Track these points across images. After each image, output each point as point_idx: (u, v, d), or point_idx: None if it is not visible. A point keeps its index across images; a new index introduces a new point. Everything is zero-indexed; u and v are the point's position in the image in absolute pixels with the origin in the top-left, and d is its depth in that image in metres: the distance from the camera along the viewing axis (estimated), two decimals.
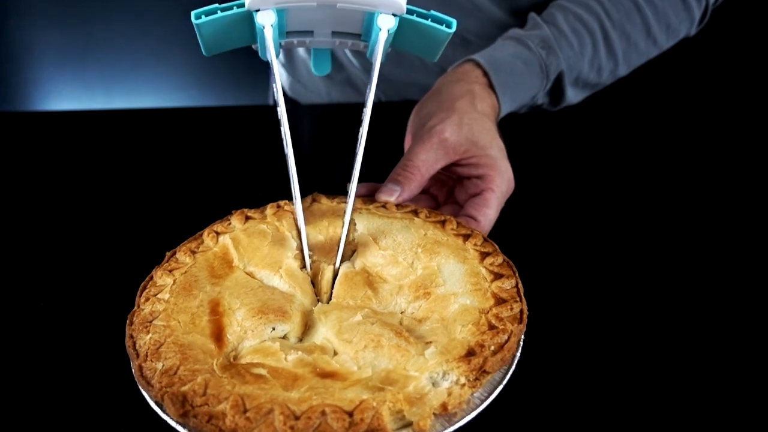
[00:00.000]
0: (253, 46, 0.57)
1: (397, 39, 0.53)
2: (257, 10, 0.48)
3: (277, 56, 0.54)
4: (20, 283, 0.62)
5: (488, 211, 0.61)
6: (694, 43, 0.90)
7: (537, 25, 0.76)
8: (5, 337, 0.55)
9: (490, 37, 0.82)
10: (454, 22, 0.50)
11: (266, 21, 0.48)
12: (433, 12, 0.50)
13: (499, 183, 0.62)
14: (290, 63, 1.09)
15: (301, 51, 1.06)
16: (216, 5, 0.49)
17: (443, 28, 0.50)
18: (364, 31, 0.53)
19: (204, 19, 0.48)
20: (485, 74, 0.71)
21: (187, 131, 0.96)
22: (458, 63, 0.74)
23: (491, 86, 0.71)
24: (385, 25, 0.49)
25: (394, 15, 0.49)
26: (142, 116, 1.03)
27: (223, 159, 0.87)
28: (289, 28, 0.53)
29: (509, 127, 0.73)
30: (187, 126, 0.98)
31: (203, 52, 0.53)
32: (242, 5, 0.48)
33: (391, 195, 0.60)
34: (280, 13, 0.49)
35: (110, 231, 0.70)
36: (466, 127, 0.64)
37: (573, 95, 0.81)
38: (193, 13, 0.48)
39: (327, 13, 0.50)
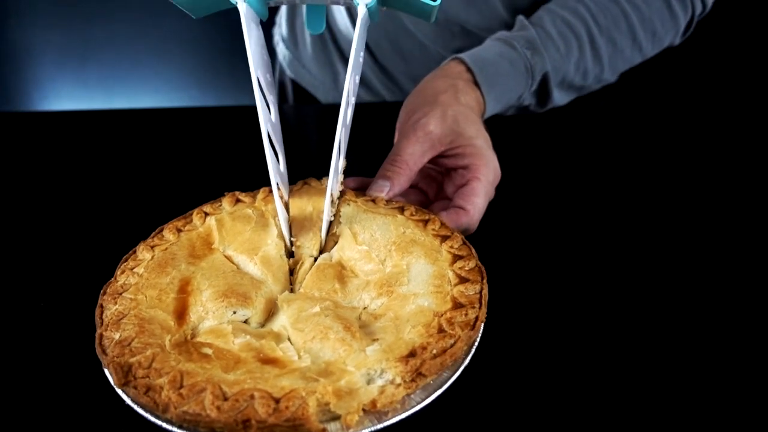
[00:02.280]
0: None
1: (388, 1, 0.52)
2: None
3: (264, 20, 0.54)
4: (20, 281, 0.63)
5: (476, 200, 0.61)
6: (680, 50, 0.89)
7: (524, 27, 0.77)
8: (6, 333, 0.57)
9: (492, 31, 0.82)
10: None
11: None
12: None
13: (485, 172, 0.63)
14: (296, 47, 1.10)
15: (307, 36, 1.07)
16: None
17: (428, 1, 0.49)
18: None
19: None
20: (469, 70, 0.72)
21: (187, 131, 0.98)
22: (444, 62, 0.75)
23: (476, 83, 0.71)
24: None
25: None
26: (142, 116, 1.04)
27: (223, 159, 0.88)
28: None
29: (496, 128, 0.73)
30: (187, 126, 1.00)
31: (192, 16, 0.52)
32: None
33: (381, 191, 0.61)
34: None
35: (111, 231, 0.71)
36: (450, 119, 0.64)
37: (559, 97, 0.81)
38: None
39: None
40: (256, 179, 0.64)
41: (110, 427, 0.46)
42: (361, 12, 0.49)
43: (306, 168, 0.65)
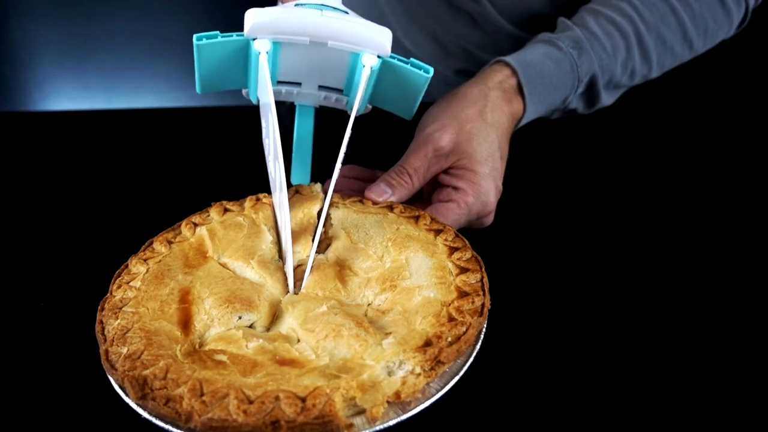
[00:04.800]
0: (244, 92, 0.60)
1: (376, 92, 0.57)
2: (254, 39, 0.52)
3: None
4: (20, 281, 0.63)
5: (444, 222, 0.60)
6: (725, 46, 0.84)
7: (567, 27, 0.74)
8: (7, 333, 0.56)
9: (494, 50, 0.80)
10: (432, 69, 0.54)
11: (262, 47, 0.51)
12: (412, 59, 0.54)
13: (471, 202, 0.62)
14: None
15: None
16: (217, 32, 0.52)
17: (421, 72, 0.54)
18: (346, 86, 0.57)
19: (205, 41, 0.51)
20: (513, 74, 0.70)
21: (187, 131, 0.97)
22: (487, 65, 0.73)
23: (519, 90, 0.69)
24: (369, 62, 0.52)
25: (378, 57, 0.53)
26: (142, 116, 1.03)
27: (222, 158, 0.88)
28: (280, 77, 0.56)
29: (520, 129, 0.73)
30: (187, 126, 0.99)
31: (197, 89, 0.57)
32: (242, 34, 0.52)
33: (380, 195, 0.61)
34: (275, 53, 0.53)
35: (111, 230, 0.70)
36: (464, 136, 0.63)
37: (606, 98, 0.78)
38: (195, 36, 0.51)
39: (316, 58, 0.54)
40: (256, 177, 0.64)
41: (109, 427, 0.46)
42: (365, 74, 0.52)
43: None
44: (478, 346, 0.47)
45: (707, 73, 1.06)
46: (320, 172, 0.64)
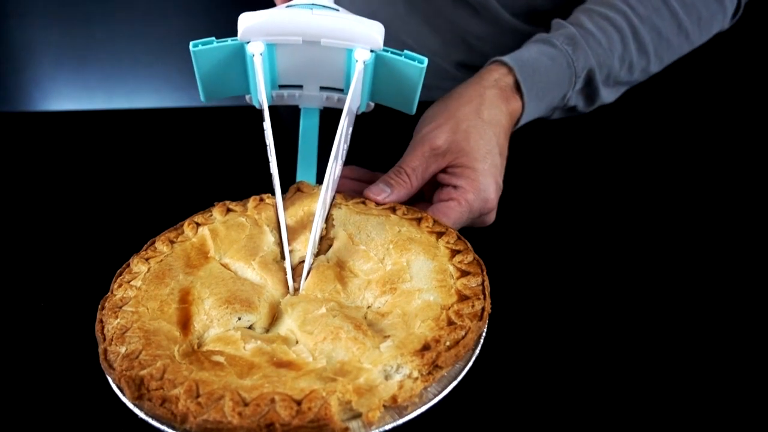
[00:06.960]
0: (247, 98, 0.60)
1: (374, 88, 0.57)
2: (248, 42, 0.52)
3: (268, 102, 0.56)
4: (20, 281, 0.63)
5: (445, 222, 0.60)
6: (725, 43, 0.85)
7: (562, 26, 0.75)
8: (7, 332, 0.57)
9: (495, 42, 0.81)
10: (426, 60, 0.54)
11: (256, 50, 0.51)
12: (406, 51, 0.54)
13: (471, 199, 0.61)
14: None
15: None
16: (213, 38, 0.53)
17: (415, 63, 0.54)
18: (346, 85, 0.57)
19: (201, 47, 0.52)
20: (510, 72, 0.70)
21: (187, 131, 0.97)
22: (483, 67, 0.73)
23: (516, 88, 0.70)
24: (361, 57, 0.52)
25: (372, 51, 0.53)
26: (142, 116, 1.03)
27: (225, 158, 0.88)
28: (280, 81, 0.56)
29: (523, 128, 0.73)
30: (187, 126, 0.99)
31: (201, 97, 0.57)
32: (237, 39, 0.52)
33: (379, 194, 0.61)
34: (270, 55, 0.53)
35: (111, 230, 0.71)
36: (461, 134, 0.63)
37: (607, 94, 0.78)
38: (191, 43, 0.52)
39: (313, 58, 0.54)
40: (255, 176, 0.64)
41: (107, 428, 0.46)
42: (359, 68, 0.52)
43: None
44: (477, 351, 0.46)
45: (708, 71, 1.06)
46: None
